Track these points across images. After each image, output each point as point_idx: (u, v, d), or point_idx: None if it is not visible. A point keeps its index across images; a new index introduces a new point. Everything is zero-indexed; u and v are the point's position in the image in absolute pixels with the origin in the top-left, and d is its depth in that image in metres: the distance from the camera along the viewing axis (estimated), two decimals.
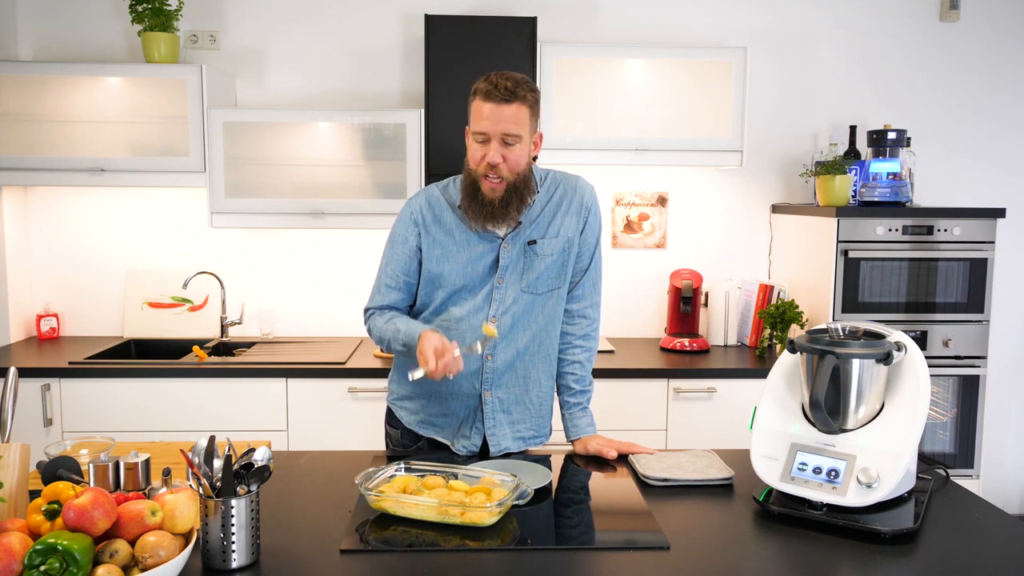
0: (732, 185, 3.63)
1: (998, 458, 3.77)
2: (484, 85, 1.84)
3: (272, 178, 3.19)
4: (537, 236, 1.96)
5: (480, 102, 1.84)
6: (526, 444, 2.05)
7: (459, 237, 1.96)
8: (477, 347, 1.84)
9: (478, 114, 1.84)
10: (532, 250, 1.95)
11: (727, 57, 3.22)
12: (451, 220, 1.97)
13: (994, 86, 3.65)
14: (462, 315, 1.96)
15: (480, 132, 1.84)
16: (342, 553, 1.44)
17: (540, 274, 1.96)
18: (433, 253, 1.96)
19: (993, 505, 1.68)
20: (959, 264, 3.13)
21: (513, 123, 1.83)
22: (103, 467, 1.54)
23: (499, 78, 1.83)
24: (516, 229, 1.95)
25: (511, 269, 1.96)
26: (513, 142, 1.84)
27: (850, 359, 1.60)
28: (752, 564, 1.43)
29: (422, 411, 2.04)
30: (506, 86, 1.81)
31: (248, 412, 2.98)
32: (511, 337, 1.97)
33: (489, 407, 1.99)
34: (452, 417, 2.02)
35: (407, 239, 1.99)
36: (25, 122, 3.13)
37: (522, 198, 1.90)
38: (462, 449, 2.01)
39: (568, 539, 1.54)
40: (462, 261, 1.95)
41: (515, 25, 3.12)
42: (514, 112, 1.82)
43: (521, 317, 1.97)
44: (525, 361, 2.00)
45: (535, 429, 2.06)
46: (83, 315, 3.55)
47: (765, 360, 3.21)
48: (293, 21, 3.48)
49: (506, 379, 2.00)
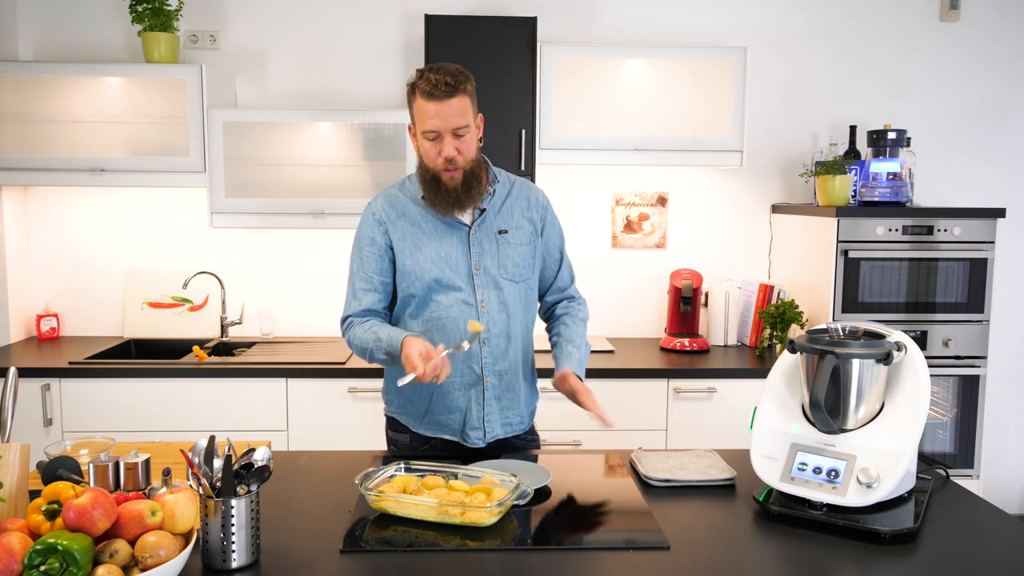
0: (732, 185, 3.63)
1: (998, 458, 3.77)
2: (424, 84, 1.87)
3: (272, 178, 3.19)
4: (505, 226, 2.02)
5: (423, 101, 1.87)
6: (512, 430, 2.07)
7: (427, 227, 2.00)
8: (464, 345, 1.85)
9: (423, 113, 1.88)
10: (504, 239, 2.01)
11: (727, 57, 3.22)
12: (415, 212, 2.01)
13: (994, 86, 3.65)
14: (450, 304, 1.97)
15: (431, 131, 1.89)
16: (342, 553, 1.44)
17: (515, 262, 2.02)
18: (404, 246, 1.99)
19: (993, 505, 1.68)
20: (959, 264, 3.13)
21: (460, 116, 1.88)
22: (103, 467, 1.54)
23: (436, 75, 1.86)
24: (481, 216, 2.00)
25: (486, 256, 1.99)
26: (463, 133, 1.90)
27: (850, 359, 1.60)
28: (752, 564, 1.43)
29: (427, 414, 2.04)
30: (446, 82, 1.85)
31: (248, 412, 2.98)
32: (503, 324, 2.00)
33: (488, 393, 2.00)
34: (456, 412, 2.02)
35: (374, 239, 2.01)
36: (25, 122, 3.13)
37: (479, 179, 1.97)
38: (478, 441, 2.01)
39: (568, 539, 1.53)
40: (435, 249, 1.98)
41: (515, 25, 3.12)
42: (458, 105, 1.87)
43: (508, 304, 2.01)
44: (515, 348, 2.03)
45: (520, 415, 2.08)
46: (83, 315, 3.55)
47: (765, 360, 3.21)
48: (293, 21, 3.48)
49: (501, 365, 2.01)
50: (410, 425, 2.08)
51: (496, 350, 2.00)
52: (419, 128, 1.92)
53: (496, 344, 2.00)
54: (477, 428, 2.01)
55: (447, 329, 1.97)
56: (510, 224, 2.03)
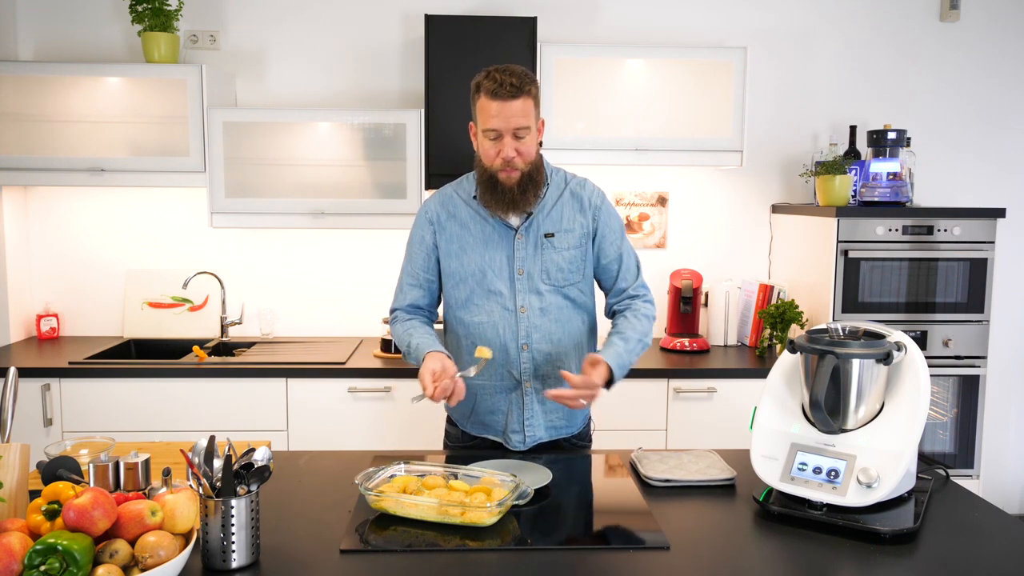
0: (732, 185, 3.63)
1: (998, 458, 3.77)
2: (489, 84, 1.87)
3: (272, 178, 3.19)
4: (553, 229, 2.00)
5: (487, 100, 1.87)
6: (558, 433, 2.06)
7: (474, 229, 2.01)
8: (471, 371, 1.87)
9: (486, 112, 1.88)
10: (550, 243, 1.99)
11: (727, 57, 3.22)
12: (466, 214, 2.02)
13: (994, 86, 3.65)
14: (491, 309, 1.99)
15: (492, 129, 1.89)
16: (342, 553, 1.44)
17: (560, 267, 2.00)
18: (451, 249, 2.02)
19: (993, 505, 1.68)
20: (959, 264, 3.13)
21: (522, 117, 1.88)
22: (103, 467, 1.54)
23: (502, 75, 1.87)
24: (528, 220, 1.99)
25: (529, 261, 1.99)
26: (524, 135, 1.90)
27: (850, 359, 1.60)
28: (752, 564, 1.43)
29: (472, 414, 2.07)
30: (511, 83, 1.86)
31: (248, 412, 2.98)
32: (545, 329, 1.99)
33: (528, 398, 2.01)
34: (499, 414, 2.03)
35: (423, 238, 2.05)
36: (25, 122, 3.13)
37: (536, 184, 1.96)
38: (519, 444, 2.02)
39: (568, 539, 1.53)
40: (479, 254, 1.99)
41: (515, 25, 3.12)
42: (521, 106, 1.87)
43: (550, 310, 2.00)
44: (560, 353, 2.02)
45: (567, 419, 2.07)
46: (83, 315, 3.55)
47: (765, 360, 3.21)
48: (293, 21, 3.48)
49: (543, 370, 2.01)
50: (459, 423, 2.12)
51: (537, 356, 2.00)
52: (480, 127, 1.92)
53: (537, 349, 1.99)
54: (518, 432, 2.02)
55: (487, 334, 1.99)
56: (558, 227, 2.00)
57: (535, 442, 2.03)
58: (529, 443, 2.02)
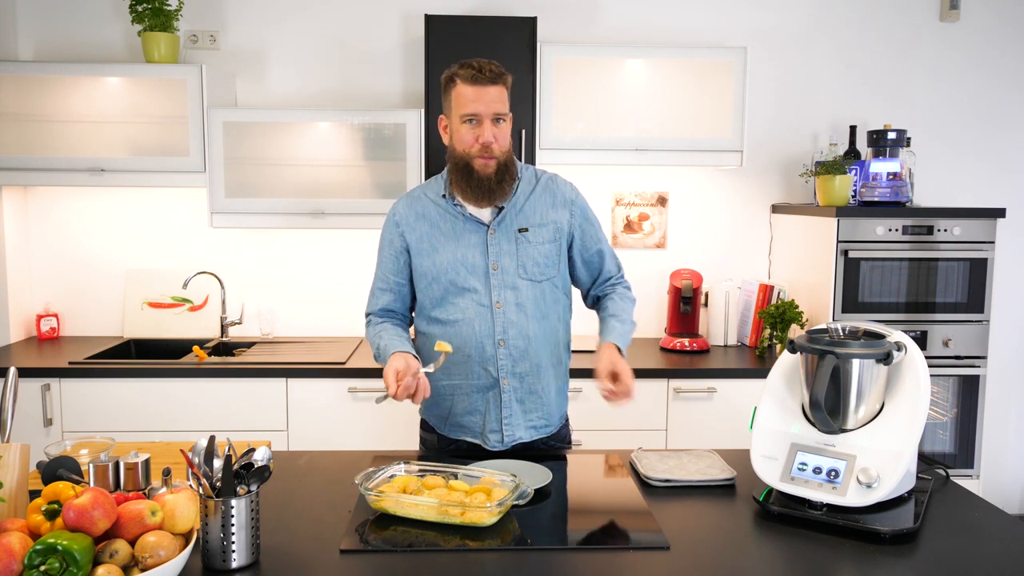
0: (732, 185, 3.63)
1: (998, 458, 3.77)
2: (466, 72, 1.91)
3: (272, 178, 3.19)
4: (526, 224, 2.01)
5: (465, 86, 1.90)
6: (538, 433, 2.05)
7: (445, 228, 2.01)
8: (431, 368, 1.85)
9: (464, 98, 1.91)
10: (524, 237, 2.00)
11: (727, 57, 3.22)
12: (435, 213, 2.03)
13: (994, 86, 3.65)
14: (466, 306, 1.98)
15: (471, 114, 1.91)
16: (342, 553, 1.44)
17: (536, 261, 2.00)
18: (422, 247, 2.01)
19: (993, 505, 1.68)
20: (959, 264, 3.13)
21: (500, 103, 1.92)
22: (103, 467, 1.54)
23: (480, 63, 1.91)
24: (500, 215, 1.99)
25: (504, 255, 1.99)
26: (502, 121, 1.94)
27: (850, 359, 1.60)
28: (752, 564, 1.43)
29: (450, 416, 2.06)
30: (491, 68, 1.91)
31: (248, 412, 2.98)
32: (521, 325, 1.99)
33: (507, 396, 2.00)
34: (476, 415, 2.02)
35: (392, 242, 2.06)
36: (25, 122, 3.13)
37: (512, 175, 1.98)
38: (497, 444, 2.01)
39: (568, 539, 1.53)
40: (451, 251, 1.99)
41: (515, 25, 3.12)
42: (499, 93, 1.92)
43: (526, 305, 1.99)
44: (536, 349, 2.01)
45: (546, 418, 2.06)
46: (83, 315, 3.55)
47: (765, 360, 3.21)
48: (293, 21, 3.48)
49: (520, 367, 2.00)
50: (436, 427, 2.10)
51: (514, 352, 1.99)
52: (457, 113, 1.93)
53: (514, 346, 1.99)
54: (496, 431, 2.01)
55: (463, 332, 1.98)
56: (532, 222, 2.01)
57: (513, 442, 2.01)
58: (508, 443, 2.01)
